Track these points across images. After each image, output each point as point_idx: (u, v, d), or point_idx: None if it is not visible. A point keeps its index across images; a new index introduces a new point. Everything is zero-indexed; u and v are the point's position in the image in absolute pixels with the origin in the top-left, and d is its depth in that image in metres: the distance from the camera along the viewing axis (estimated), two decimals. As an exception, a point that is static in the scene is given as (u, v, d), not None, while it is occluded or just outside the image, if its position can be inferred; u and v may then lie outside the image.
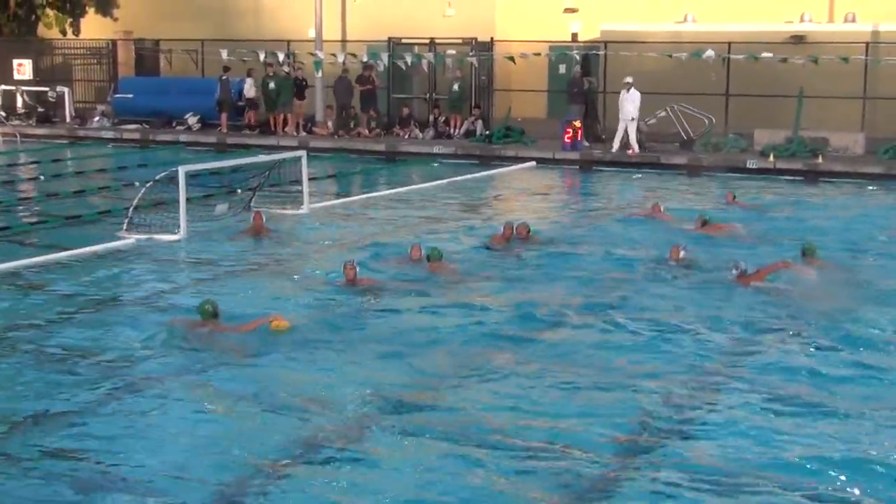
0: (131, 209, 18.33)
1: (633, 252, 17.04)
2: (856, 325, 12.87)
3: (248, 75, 33.77)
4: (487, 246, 17.30)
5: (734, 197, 21.73)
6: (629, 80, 28.79)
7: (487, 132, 31.63)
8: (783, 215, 20.85)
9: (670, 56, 29.41)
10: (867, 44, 29.37)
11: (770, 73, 29.31)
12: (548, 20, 36.19)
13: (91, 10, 39.33)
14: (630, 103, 28.71)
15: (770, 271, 14.87)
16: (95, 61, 40.01)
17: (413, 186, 25.01)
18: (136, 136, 34.39)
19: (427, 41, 33.74)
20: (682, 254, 15.72)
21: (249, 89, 33.93)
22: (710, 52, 29.14)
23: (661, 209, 19.95)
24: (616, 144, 29.11)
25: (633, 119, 28.78)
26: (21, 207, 21.91)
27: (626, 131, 28.91)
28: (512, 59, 31.79)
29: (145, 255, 16.81)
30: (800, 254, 15.67)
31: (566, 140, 29.37)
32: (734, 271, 14.74)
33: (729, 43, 29.76)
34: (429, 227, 19.45)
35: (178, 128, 34.70)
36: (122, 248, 17.18)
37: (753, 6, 33.38)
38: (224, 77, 33.35)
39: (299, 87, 33.36)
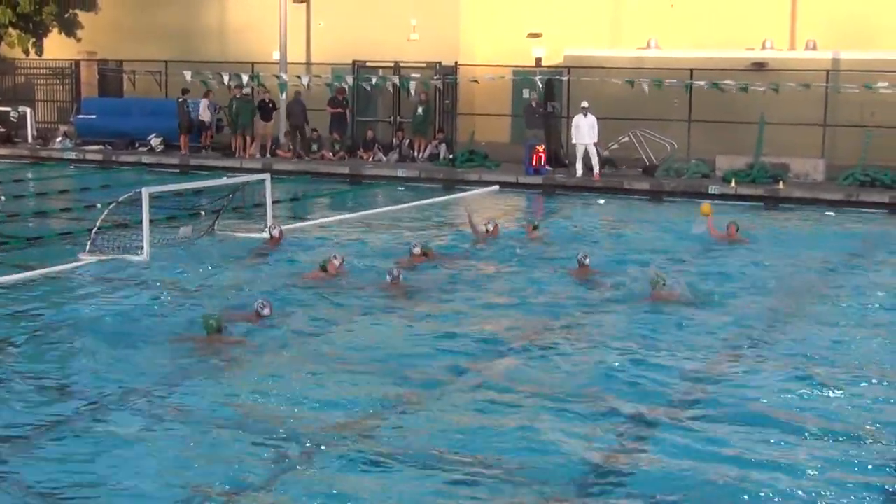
0: (94, 231, 18.23)
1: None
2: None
3: (205, 96, 33.71)
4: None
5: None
6: (585, 104, 29.00)
7: (451, 156, 31.73)
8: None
9: (632, 84, 29.63)
10: (828, 71, 29.71)
11: (732, 99, 29.58)
12: (512, 45, 36.37)
13: (54, 31, 39.12)
14: (587, 128, 28.92)
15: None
16: (58, 81, 39.89)
17: (377, 209, 25.04)
18: (99, 157, 34.21)
19: (391, 64, 33.83)
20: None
21: (203, 111, 33.86)
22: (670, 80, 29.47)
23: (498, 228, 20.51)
24: (579, 170, 29.24)
25: (593, 143, 28.99)
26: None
27: (586, 155, 29.10)
28: (476, 81, 31.97)
29: (107, 276, 16.70)
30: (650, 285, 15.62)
31: (530, 164, 29.52)
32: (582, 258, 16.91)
33: (691, 69, 30.02)
34: (386, 249, 19.46)
35: (141, 149, 34.57)
36: (83, 270, 17.07)
37: (716, 33, 33.68)
38: (181, 99, 33.28)
39: (265, 110, 33.33)
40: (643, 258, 18.29)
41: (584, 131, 29.01)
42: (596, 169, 29.07)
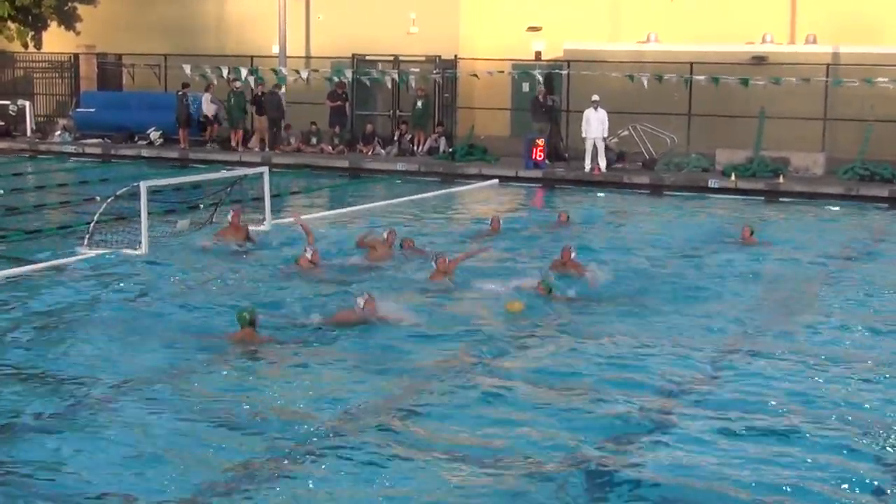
0: (92, 224, 18.22)
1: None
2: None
3: (207, 90, 33.67)
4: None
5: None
6: (596, 98, 28.91)
7: (451, 149, 31.70)
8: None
9: (632, 78, 29.59)
10: (828, 65, 29.67)
11: (732, 93, 29.55)
12: (511, 38, 36.27)
13: (53, 24, 39.04)
14: (597, 122, 28.84)
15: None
16: (57, 75, 39.79)
17: (376, 203, 24.97)
18: (98, 150, 34.18)
19: (391, 58, 33.80)
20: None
21: (207, 105, 33.82)
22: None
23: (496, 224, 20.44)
24: (588, 164, 29.14)
25: (602, 138, 28.93)
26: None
27: (594, 149, 29.04)
28: (475, 75, 31.94)
29: (106, 270, 16.67)
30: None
31: (531, 158, 29.49)
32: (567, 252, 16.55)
33: (691, 63, 30.00)
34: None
35: (140, 143, 34.53)
36: (82, 263, 17.03)
37: (716, 27, 33.61)
38: (181, 93, 33.23)
39: (260, 104, 33.28)
40: (641, 253, 18.36)
41: (594, 125, 28.93)
42: (602, 164, 29.01)
